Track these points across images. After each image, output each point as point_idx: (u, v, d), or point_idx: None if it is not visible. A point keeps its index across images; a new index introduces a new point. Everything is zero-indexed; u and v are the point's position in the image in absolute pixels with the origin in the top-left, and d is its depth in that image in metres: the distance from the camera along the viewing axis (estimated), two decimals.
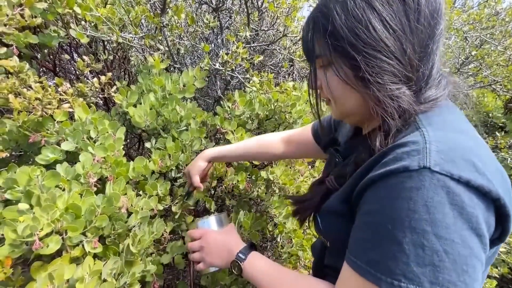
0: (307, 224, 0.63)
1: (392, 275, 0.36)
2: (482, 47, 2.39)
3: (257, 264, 0.61)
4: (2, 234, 0.59)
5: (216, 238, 0.70)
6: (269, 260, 0.62)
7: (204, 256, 0.69)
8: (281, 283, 0.55)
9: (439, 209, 0.34)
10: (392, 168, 0.38)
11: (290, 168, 1.24)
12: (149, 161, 0.92)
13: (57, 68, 1.19)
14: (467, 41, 2.38)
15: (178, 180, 1.06)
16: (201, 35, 1.58)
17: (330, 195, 0.54)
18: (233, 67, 1.20)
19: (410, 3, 0.42)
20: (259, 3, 1.64)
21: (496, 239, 0.39)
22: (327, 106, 0.56)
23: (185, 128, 1.05)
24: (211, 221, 0.76)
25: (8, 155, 0.77)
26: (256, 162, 1.11)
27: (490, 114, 3.21)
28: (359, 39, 0.42)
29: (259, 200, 1.25)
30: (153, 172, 0.94)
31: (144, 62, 1.25)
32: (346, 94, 0.48)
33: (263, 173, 1.19)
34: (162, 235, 0.80)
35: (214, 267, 0.70)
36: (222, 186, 1.24)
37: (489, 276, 1.60)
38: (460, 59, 2.43)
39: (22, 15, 0.79)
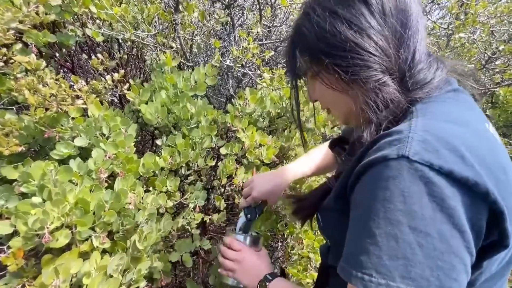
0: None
1: (363, 269, 0.34)
2: (510, 41, 2.25)
3: (280, 285, 0.65)
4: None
5: (253, 259, 0.73)
6: (293, 283, 0.69)
7: (237, 269, 0.72)
8: None
9: (416, 200, 0.33)
10: (372, 158, 0.37)
11: None
12: (159, 158, 0.92)
13: (75, 67, 1.22)
14: (493, 36, 2.24)
15: (188, 178, 1.06)
16: (212, 32, 1.58)
17: (330, 193, 0.54)
18: (243, 63, 1.19)
19: (371, 0, 0.44)
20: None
21: (498, 244, 0.36)
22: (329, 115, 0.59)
23: (195, 125, 1.05)
24: (250, 239, 0.78)
25: (24, 149, 0.80)
26: (266, 160, 1.10)
27: None
28: (329, 45, 0.45)
29: None
30: (162, 169, 0.95)
31: (158, 60, 1.27)
32: (337, 99, 0.50)
33: None
34: (170, 232, 0.80)
35: (236, 282, 0.73)
36: (232, 184, 1.23)
37: None
38: (486, 55, 2.30)
39: (37, 12, 0.81)
